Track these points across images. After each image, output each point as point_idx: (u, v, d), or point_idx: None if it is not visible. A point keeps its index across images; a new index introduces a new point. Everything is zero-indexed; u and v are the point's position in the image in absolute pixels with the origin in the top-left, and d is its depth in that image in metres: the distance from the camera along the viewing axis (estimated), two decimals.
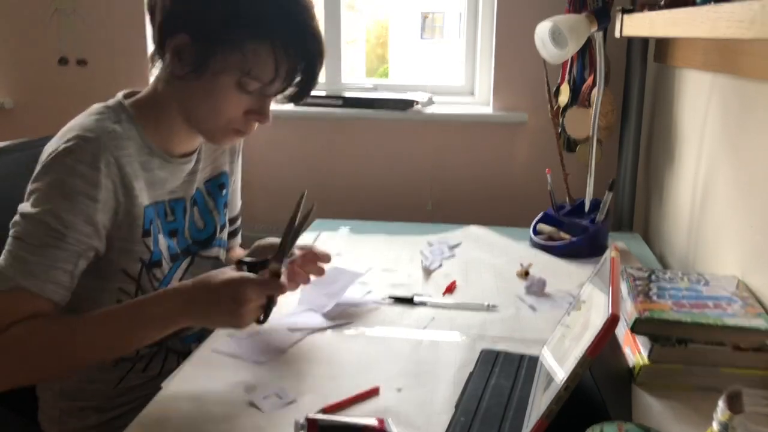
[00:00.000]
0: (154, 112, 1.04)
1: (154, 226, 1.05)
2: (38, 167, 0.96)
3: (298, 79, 1.01)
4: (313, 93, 2.14)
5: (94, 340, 0.95)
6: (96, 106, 1.03)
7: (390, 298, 1.26)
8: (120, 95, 1.06)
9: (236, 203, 1.30)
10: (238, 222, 1.33)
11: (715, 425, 0.62)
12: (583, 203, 1.66)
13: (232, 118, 1.02)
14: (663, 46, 1.71)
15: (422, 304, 1.24)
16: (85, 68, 2.21)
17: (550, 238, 1.58)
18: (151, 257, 1.04)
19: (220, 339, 1.09)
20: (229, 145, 1.10)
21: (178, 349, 1.15)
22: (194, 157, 1.13)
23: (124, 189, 0.99)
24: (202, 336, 1.23)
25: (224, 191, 1.21)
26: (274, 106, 1.05)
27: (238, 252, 1.32)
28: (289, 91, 1.04)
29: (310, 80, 1.03)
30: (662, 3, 1.15)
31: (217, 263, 1.19)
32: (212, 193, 1.19)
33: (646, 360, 0.95)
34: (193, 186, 1.14)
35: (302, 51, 0.99)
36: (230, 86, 0.98)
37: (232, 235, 1.30)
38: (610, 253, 0.90)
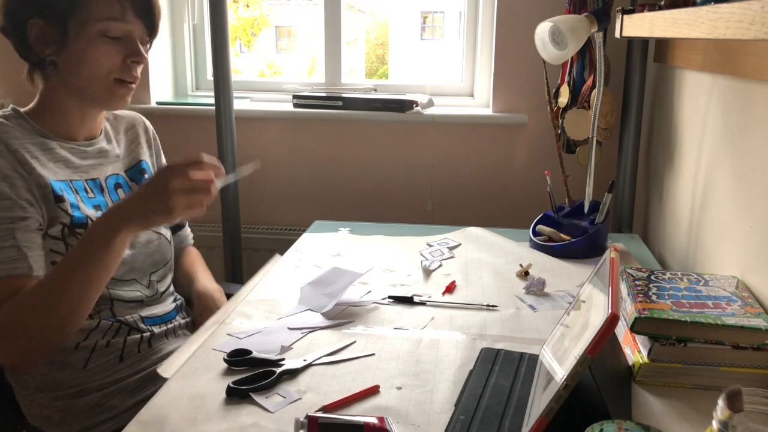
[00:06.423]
0: (44, 107, 1.15)
1: (70, 195, 1.12)
2: None
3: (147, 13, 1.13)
4: (314, 94, 2.17)
5: (67, 280, 1.01)
6: None
7: (390, 297, 1.26)
8: (10, 107, 1.15)
9: None
10: None
11: (714, 424, 0.63)
12: (582, 205, 1.66)
13: (111, 68, 1.11)
14: (663, 46, 1.71)
15: (422, 303, 1.24)
16: None
17: (550, 239, 1.58)
18: (72, 220, 1.11)
19: (220, 339, 1.09)
20: (123, 104, 1.16)
21: (140, 328, 1.19)
22: (101, 138, 1.23)
23: (21, 166, 1.07)
24: (164, 318, 1.24)
25: (146, 175, 1.30)
26: (273, 106, 1.06)
27: (195, 263, 1.43)
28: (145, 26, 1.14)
29: (152, 10, 1.14)
30: (662, 3, 1.15)
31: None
32: (135, 178, 1.28)
33: (645, 359, 0.95)
34: (106, 168, 1.22)
35: None
36: (96, 38, 1.08)
37: (176, 228, 1.42)
38: (609, 254, 0.90)
